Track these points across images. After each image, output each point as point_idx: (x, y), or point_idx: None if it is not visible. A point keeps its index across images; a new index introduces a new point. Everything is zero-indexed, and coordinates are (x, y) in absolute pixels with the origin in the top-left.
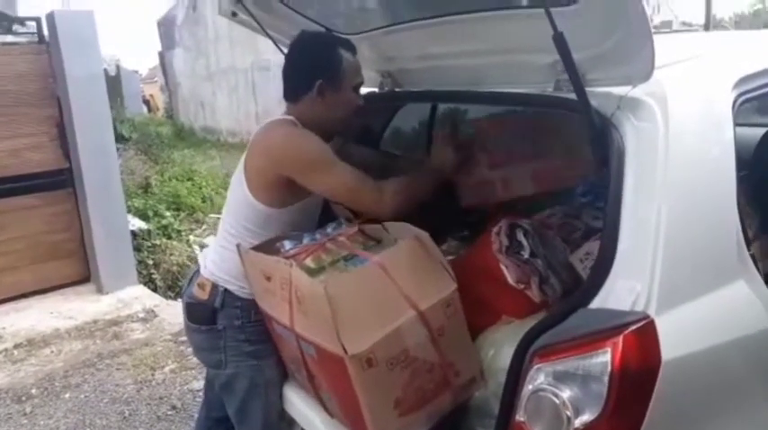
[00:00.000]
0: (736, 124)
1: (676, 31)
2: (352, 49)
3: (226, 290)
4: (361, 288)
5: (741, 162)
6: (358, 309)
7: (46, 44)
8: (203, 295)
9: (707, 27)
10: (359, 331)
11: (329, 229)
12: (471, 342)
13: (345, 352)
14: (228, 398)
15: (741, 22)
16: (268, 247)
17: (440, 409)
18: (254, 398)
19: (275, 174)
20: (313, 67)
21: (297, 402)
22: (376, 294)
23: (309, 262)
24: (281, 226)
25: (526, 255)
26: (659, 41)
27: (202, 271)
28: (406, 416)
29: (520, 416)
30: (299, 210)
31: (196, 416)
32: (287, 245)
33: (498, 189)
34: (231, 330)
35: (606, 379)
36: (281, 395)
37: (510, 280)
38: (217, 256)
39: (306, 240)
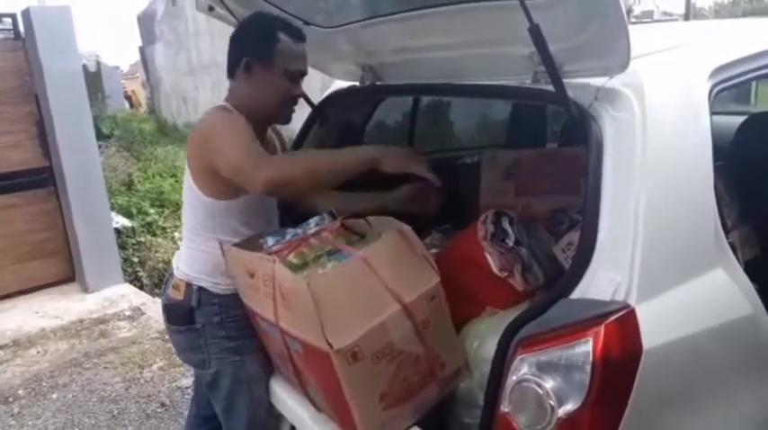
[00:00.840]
0: (714, 113)
1: (657, 20)
2: (296, 35)
3: (200, 288)
4: (344, 283)
5: (719, 151)
6: (342, 304)
7: (22, 40)
8: (179, 295)
9: (686, 16)
10: (343, 326)
11: (312, 224)
12: (456, 334)
13: (330, 346)
14: (214, 395)
15: (721, 11)
16: (251, 244)
17: (426, 401)
18: (238, 395)
19: (204, 162)
20: (244, 43)
21: (284, 397)
22: (360, 289)
23: (292, 257)
24: (232, 219)
25: (511, 242)
26: (637, 31)
27: (175, 272)
28: (393, 409)
29: (504, 407)
30: (247, 203)
31: (185, 413)
32: (270, 241)
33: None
34: (210, 327)
35: (588, 368)
36: (267, 390)
37: (494, 268)
38: (186, 256)
39: (288, 236)
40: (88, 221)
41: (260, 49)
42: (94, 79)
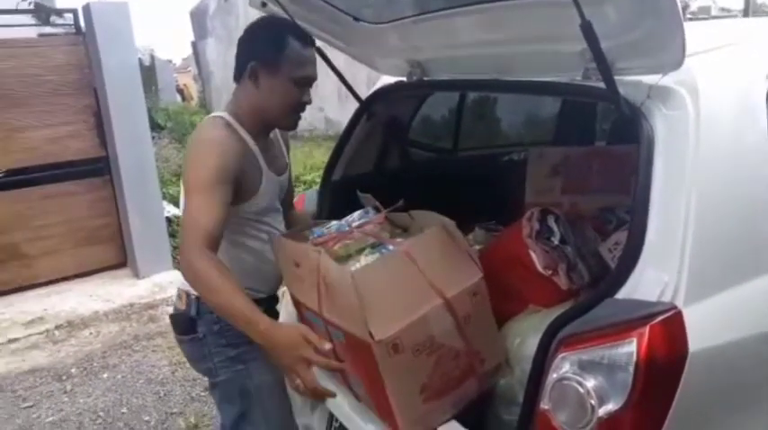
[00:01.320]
0: None
1: (715, 17)
2: (305, 39)
3: (198, 297)
4: (387, 275)
5: None
6: (385, 297)
7: (82, 35)
8: (182, 305)
9: (746, 12)
10: (386, 318)
11: (356, 217)
12: (497, 330)
13: (372, 338)
14: (224, 408)
15: None
16: (297, 235)
17: (465, 396)
18: (249, 409)
19: None
20: (251, 47)
21: (325, 385)
22: (402, 282)
23: (337, 249)
24: (228, 229)
25: (556, 241)
26: (693, 28)
27: (180, 282)
28: (432, 402)
29: (544, 404)
30: (246, 214)
31: None
32: (315, 232)
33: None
34: (211, 336)
35: (632, 369)
36: (282, 396)
37: (538, 266)
38: None
39: (333, 228)
40: (141, 210)
41: (267, 54)
42: (148, 73)
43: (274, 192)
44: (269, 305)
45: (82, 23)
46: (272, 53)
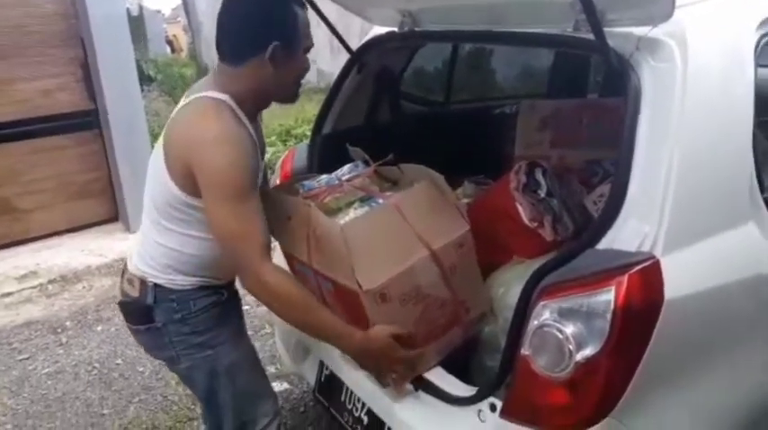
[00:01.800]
0: (763, 65)
1: None
2: (302, 3)
3: (156, 284)
4: (376, 228)
5: (766, 106)
6: (373, 248)
7: None
8: (134, 292)
9: None
10: (373, 268)
11: (346, 171)
12: (482, 280)
13: (360, 287)
14: (193, 390)
15: None
16: (288, 188)
17: (450, 343)
18: (219, 389)
19: (185, 166)
20: (267, 24)
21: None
22: (391, 234)
23: (327, 202)
24: (199, 211)
25: (542, 193)
26: None
27: (129, 265)
28: (418, 349)
29: (525, 350)
30: None
31: None
32: (306, 185)
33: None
34: (172, 325)
35: (609, 316)
36: (254, 370)
37: (524, 218)
38: (142, 248)
39: (324, 181)
40: (131, 164)
41: (285, 31)
42: (137, 23)
43: (258, 179)
44: (229, 291)
45: None
46: (290, 30)
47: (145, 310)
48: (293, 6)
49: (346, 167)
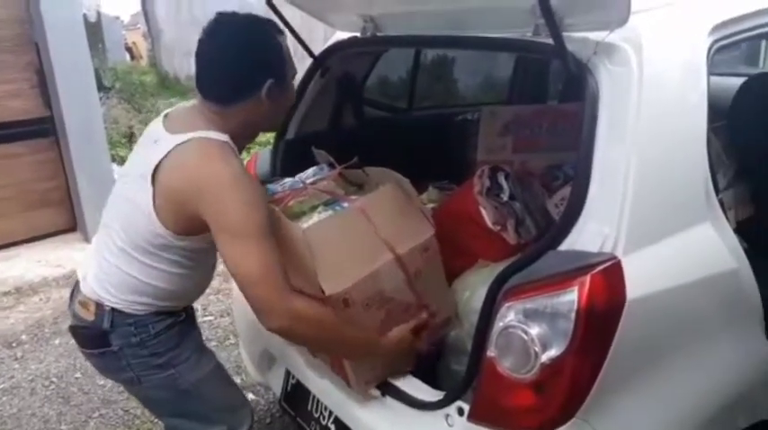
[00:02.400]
0: (714, 73)
1: None
2: (280, 30)
3: (113, 309)
4: (340, 232)
5: (720, 112)
6: (337, 252)
7: None
8: (89, 315)
9: None
10: (337, 273)
11: (310, 174)
12: (447, 284)
13: (323, 292)
14: (157, 409)
15: None
16: None
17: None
18: (186, 403)
19: (185, 209)
20: (260, 65)
21: (280, 343)
22: (355, 238)
23: (292, 206)
24: (181, 250)
25: (505, 197)
26: None
27: (83, 287)
28: None
29: (491, 352)
30: (203, 239)
31: None
32: (270, 189)
33: None
34: (129, 349)
35: (573, 316)
36: (222, 380)
37: (488, 221)
38: (100, 271)
39: (288, 185)
40: (89, 172)
41: (278, 67)
42: (95, 30)
43: None
44: (187, 312)
45: None
46: (281, 63)
47: (100, 335)
48: (277, 38)
49: (311, 170)
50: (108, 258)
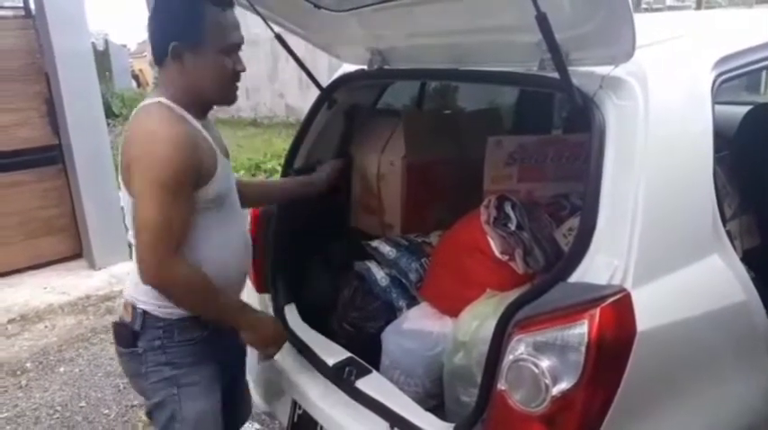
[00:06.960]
0: (722, 103)
1: (670, 7)
2: (224, 3)
3: (144, 311)
4: None
5: (723, 141)
6: None
7: (32, 18)
8: (127, 316)
9: (698, 5)
10: None
11: None
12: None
13: None
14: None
15: (735, 0)
16: None
17: None
18: None
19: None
20: (167, 26)
21: (287, 371)
22: None
23: None
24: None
25: (512, 226)
26: (643, 20)
27: (124, 291)
28: None
29: (501, 385)
30: (204, 215)
31: None
32: None
33: None
34: (151, 353)
35: (583, 349)
36: (213, 424)
37: (495, 251)
38: (133, 273)
39: None
40: (96, 199)
41: (186, 31)
42: (102, 58)
43: (230, 175)
44: (212, 328)
45: (32, 6)
46: (193, 29)
47: (131, 335)
48: (199, 6)
49: None
50: (134, 258)
